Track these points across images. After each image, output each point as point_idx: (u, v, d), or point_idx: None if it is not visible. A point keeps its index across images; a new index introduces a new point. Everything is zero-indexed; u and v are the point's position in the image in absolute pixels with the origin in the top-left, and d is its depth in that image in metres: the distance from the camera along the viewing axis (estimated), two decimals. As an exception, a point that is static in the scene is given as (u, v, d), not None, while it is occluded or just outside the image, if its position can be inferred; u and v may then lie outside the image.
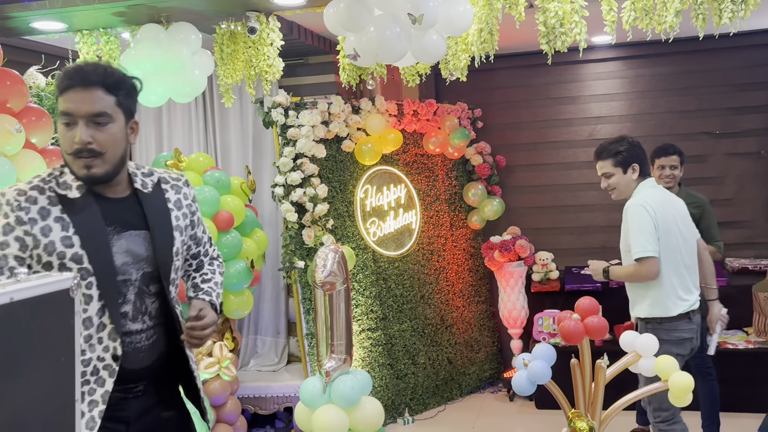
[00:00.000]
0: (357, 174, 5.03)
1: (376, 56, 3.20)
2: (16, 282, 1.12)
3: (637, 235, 3.41)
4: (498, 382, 5.84)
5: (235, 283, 4.35)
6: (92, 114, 1.94)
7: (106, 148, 1.97)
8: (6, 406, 1.07)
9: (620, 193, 3.61)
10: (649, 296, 3.50)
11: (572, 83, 5.96)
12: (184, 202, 2.23)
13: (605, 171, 3.61)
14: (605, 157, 3.62)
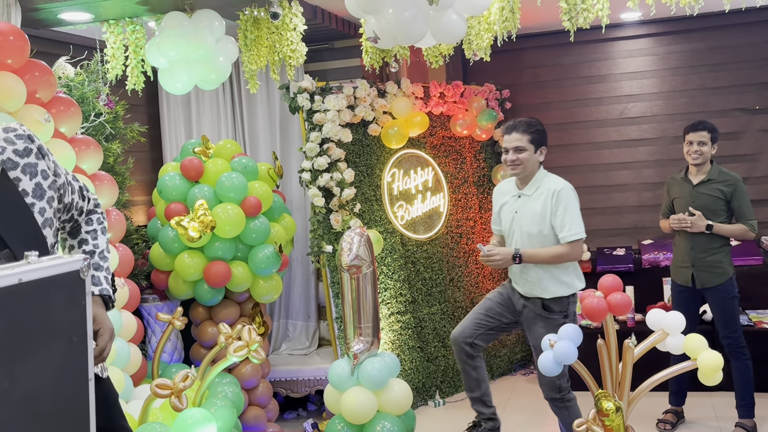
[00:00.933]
0: (384, 158, 5.03)
1: (395, 38, 3.19)
2: (25, 263, 1.14)
3: (573, 217, 3.55)
4: (529, 365, 5.81)
5: (263, 268, 4.39)
6: None
7: None
8: (19, 384, 1.10)
9: (524, 170, 3.63)
10: (567, 275, 3.60)
11: (602, 61, 5.88)
12: (39, 174, 1.81)
13: (519, 144, 3.60)
14: (523, 132, 3.62)
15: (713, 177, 4.23)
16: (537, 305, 3.62)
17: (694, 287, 4.25)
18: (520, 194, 3.67)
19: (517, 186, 3.71)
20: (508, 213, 3.72)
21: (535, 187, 3.64)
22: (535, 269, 3.61)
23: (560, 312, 3.59)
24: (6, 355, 1.08)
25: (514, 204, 3.69)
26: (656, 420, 4.40)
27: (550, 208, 3.54)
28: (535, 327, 3.62)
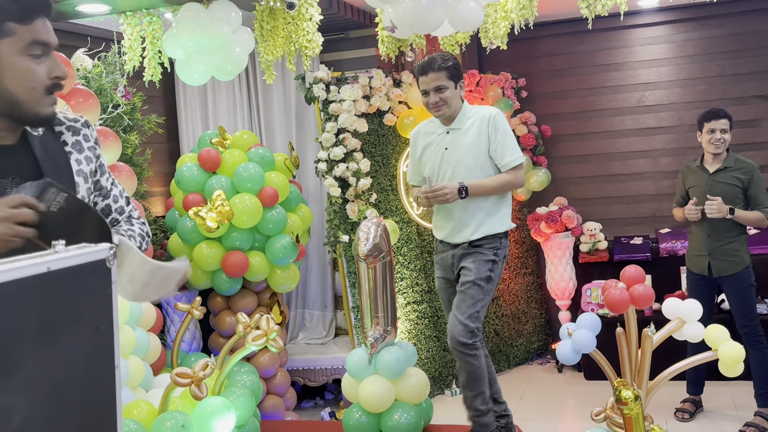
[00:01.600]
0: (399, 147, 5.03)
1: (412, 27, 3.19)
2: (53, 252, 1.16)
3: (512, 142, 3.38)
4: (546, 354, 5.81)
5: (281, 258, 4.41)
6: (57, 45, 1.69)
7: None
8: (47, 371, 1.11)
9: (448, 110, 3.40)
10: (503, 208, 3.47)
11: (619, 49, 5.83)
12: (85, 144, 1.83)
13: (439, 84, 3.34)
14: (439, 69, 3.34)
15: (730, 165, 4.20)
16: (466, 248, 3.44)
17: (710, 276, 4.23)
18: (449, 130, 3.45)
19: (443, 124, 3.48)
20: (434, 152, 3.48)
21: (464, 120, 3.43)
22: (478, 207, 3.41)
23: (489, 246, 3.42)
24: (36, 342, 1.10)
25: (441, 141, 3.46)
26: (674, 409, 4.40)
27: (487, 136, 3.36)
28: (464, 263, 3.43)
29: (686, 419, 4.31)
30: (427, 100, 3.39)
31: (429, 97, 3.37)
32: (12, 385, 1.06)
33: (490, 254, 3.43)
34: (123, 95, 4.11)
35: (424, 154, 3.51)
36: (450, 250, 3.50)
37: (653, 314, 5.03)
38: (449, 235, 3.49)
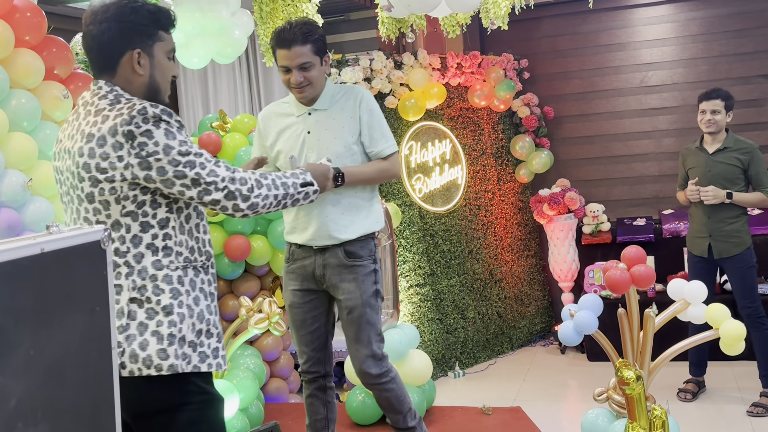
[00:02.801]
0: (401, 130, 5.01)
1: (408, 6, 3.15)
2: (47, 234, 1.16)
3: (386, 127, 2.97)
4: (549, 336, 5.82)
5: (283, 241, 4.41)
6: None
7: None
8: (43, 353, 1.11)
9: (313, 91, 2.89)
10: (375, 203, 3.04)
11: (621, 29, 5.79)
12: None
13: (304, 60, 2.80)
14: (303, 42, 2.79)
15: (729, 145, 4.18)
16: (338, 255, 2.93)
17: (711, 257, 4.22)
18: (311, 111, 2.93)
19: (301, 104, 2.95)
20: (293, 137, 2.94)
21: (328, 99, 2.94)
22: (351, 201, 2.93)
23: (368, 256, 2.98)
24: (31, 323, 1.10)
25: (302, 125, 2.93)
26: (677, 390, 4.40)
27: (358, 119, 2.91)
28: (344, 284, 2.94)
29: (689, 399, 4.32)
30: (289, 78, 2.85)
31: (291, 75, 2.83)
32: (7, 366, 1.06)
33: (370, 263, 2.98)
34: (123, 79, 4.09)
35: (279, 140, 2.96)
36: (313, 256, 2.95)
37: (656, 295, 5.03)
38: (313, 237, 2.92)
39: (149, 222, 1.92)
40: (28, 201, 3.08)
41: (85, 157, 1.90)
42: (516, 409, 4.26)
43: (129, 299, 1.90)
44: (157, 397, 1.91)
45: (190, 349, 1.94)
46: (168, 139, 1.90)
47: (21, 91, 3.11)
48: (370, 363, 2.97)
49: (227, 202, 1.98)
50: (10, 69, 3.05)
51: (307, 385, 3.12)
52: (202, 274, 2.02)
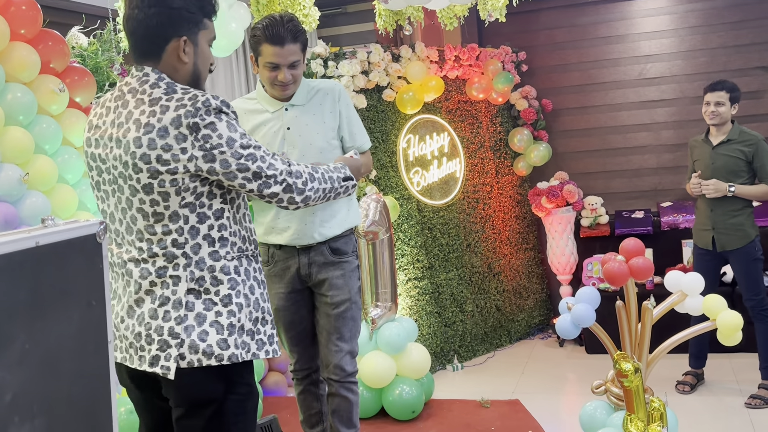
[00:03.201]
0: (399, 123, 5.00)
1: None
2: (42, 227, 1.15)
3: (361, 122, 2.98)
4: (548, 329, 5.82)
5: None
6: None
7: None
8: (39, 346, 1.11)
9: (295, 87, 2.85)
10: (353, 199, 3.04)
11: (620, 21, 5.77)
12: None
13: (296, 59, 2.77)
14: (295, 39, 2.74)
15: (733, 137, 4.17)
16: (324, 252, 2.91)
17: (715, 250, 4.22)
18: (288, 106, 2.86)
19: (274, 100, 2.88)
20: (271, 134, 2.86)
21: (305, 94, 2.89)
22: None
23: (352, 252, 2.98)
24: (26, 317, 1.09)
25: (279, 120, 2.86)
26: (675, 382, 4.41)
27: (338, 114, 2.89)
28: (332, 280, 2.92)
29: (687, 392, 4.32)
30: (275, 75, 2.76)
31: (279, 72, 2.75)
32: (3, 360, 1.05)
33: (354, 259, 2.98)
34: (119, 73, 4.08)
35: (254, 136, 2.86)
36: (296, 256, 2.91)
37: (654, 288, 5.03)
38: (296, 237, 2.87)
39: (206, 213, 1.93)
40: (24, 195, 3.07)
41: (144, 148, 1.87)
42: (514, 402, 4.27)
43: (186, 290, 1.90)
44: (205, 389, 1.92)
45: (249, 337, 1.96)
46: (231, 132, 1.90)
47: (17, 84, 3.10)
48: (348, 359, 2.96)
49: (284, 194, 2.01)
50: (6, 63, 3.04)
51: (299, 382, 3.11)
52: (253, 262, 2.04)
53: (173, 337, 1.88)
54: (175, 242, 1.90)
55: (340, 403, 2.99)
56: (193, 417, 1.93)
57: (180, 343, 1.87)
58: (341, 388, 2.97)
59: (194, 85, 2.01)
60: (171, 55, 1.97)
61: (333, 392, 3.00)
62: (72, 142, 3.39)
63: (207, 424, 1.92)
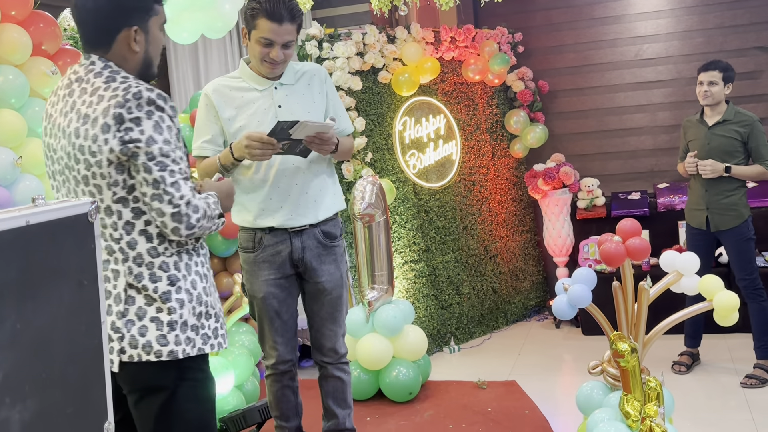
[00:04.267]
0: (395, 106, 4.98)
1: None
2: (32, 206, 1.13)
3: (343, 106, 3.01)
4: (544, 311, 5.83)
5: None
6: None
7: None
8: (30, 326, 1.10)
9: (284, 67, 2.86)
10: (337, 184, 3.01)
11: (616, 1, 5.74)
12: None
13: (291, 39, 2.76)
14: (294, 20, 2.74)
15: (729, 118, 4.16)
16: (316, 236, 2.89)
17: (708, 230, 4.22)
18: (277, 85, 2.84)
19: (262, 78, 2.85)
20: (260, 112, 2.82)
21: (292, 74, 2.88)
22: (320, 175, 2.90)
23: (340, 235, 2.99)
24: (17, 297, 1.08)
25: (270, 99, 2.84)
26: (671, 362, 4.42)
27: (326, 95, 2.91)
28: (324, 266, 2.91)
29: (683, 372, 4.34)
30: (268, 52, 2.73)
31: (273, 50, 2.72)
32: (-6, 341, 1.04)
33: (343, 242, 3.01)
34: (112, 55, 4.05)
35: (240, 115, 2.82)
36: (288, 240, 2.86)
37: (651, 269, 5.04)
38: (289, 217, 2.84)
39: (141, 208, 1.90)
40: (17, 179, 3.05)
41: (81, 138, 1.87)
42: (511, 383, 4.28)
43: (126, 284, 1.89)
44: (155, 378, 1.92)
45: (193, 332, 1.94)
46: (155, 132, 1.85)
47: (8, 67, 3.08)
48: (341, 342, 3.00)
49: (171, 220, 1.87)
50: (-3, 45, 3.01)
51: (278, 378, 3.01)
52: (195, 256, 2.00)
53: (115, 332, 1.88)
54: (112, 237, 1.89)
55: (336, 384, 3.01)
56: (147, 402, 1.94)
57: (121, 337, 1.87)
58: (335, 369, 2.99)
59: (145, 72, 2.00)
60: (121, 45, 1.93)
61: (327, 374, 3.01)
62: (65, 125, 3.37)
63: (160, 410, 1.93)
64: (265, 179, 2.83)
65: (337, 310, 2.97)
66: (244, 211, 2.90)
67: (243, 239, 2.95)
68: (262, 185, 2.84)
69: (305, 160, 2.84)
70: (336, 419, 3.06)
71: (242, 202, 2.89)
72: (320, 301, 2.96)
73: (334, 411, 3.05)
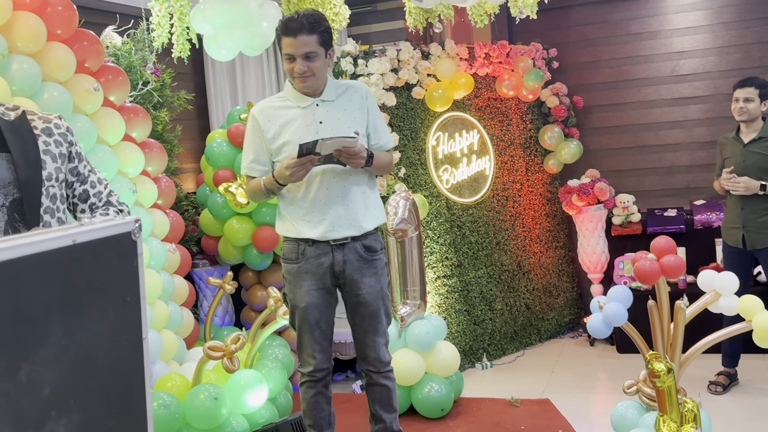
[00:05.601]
0: (428, 121, 5.00)
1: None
2: (79, 225, 1.17)
3: (384, 122, 3.07)
4: (578, 328, 5.78)
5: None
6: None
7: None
8: (75, 343, 1.13)
9: (315, 82, 2.90)
10: (378, 198, 3.06)
11: (653, 17, 5.70)
12: (55, 131, 2.10)
13: (309, 50, 2.82)
14: (310, 32, 2.81)
15: (765, 135, 4.12)
16: (357, 250, 2.96)
17: (745, 248, 4.16)
18: (319, 102, 2.93)
19: (305, 96, 2.94)
20: (302, 128, 2.89)
21: (333, 91, 2.96)
22: (360, 188, 2.96)
23: (381, 249, 3.04)
24: (63, 314, 1.11)
25: (311, 116, 2.91)
26: (708, 382, 4.35)
27: (366, 111, 2.97)
28: (365, 279, 2.97)
29: (720, 392, 4.26)
30: (292, 67, 2.85)
31: (295, 64, 2.84)
32: (41, 356, 1.08)
33: (383, 256, 3.06)
34: (152, 72, 4.13)
35: (284, 132, 2.91)
36: (330, 253, 2.93)
37: (687, 287, 4.97)
38: (329, 229, 2.90)
39: None
40: (60, 193, 3.12)
41: None
42: (545, 401, 4.24)
43: None
44: None
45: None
46: None
47: (53, 84, 3.16)
48: (384, 350, 3.08)
49: None
50: (43, 62, 3.10)
51: (314, 385, 3.07)
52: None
53: None
54: None
55: (381, 391, 3.11)
56: None
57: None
58: (380, 377, 3.09)
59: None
60: None
61: (373, 382, 3.11)
62: (106, 140, 3.45)
63: None
64: (308, 192, 2.91)
65: (379, 321, 3.02)
66: (287, 223, 2.98)
67: (287, 250, 3.02)
68: (305, 198, 2.92)
69: (346, 174, 2.92)
70: (383, 423, 3.16)
71: (286, 213, 2.98)
72: (360, 313, 3.03)
73: (381, 416, 3.14)
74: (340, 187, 2.91)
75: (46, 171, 2.02)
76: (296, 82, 2.90)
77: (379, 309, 3.02)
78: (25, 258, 1.03)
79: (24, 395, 1.04)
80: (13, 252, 1.02)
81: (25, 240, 1.04)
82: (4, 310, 1.01)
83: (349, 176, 2.92)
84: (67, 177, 2.12)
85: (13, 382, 1.02)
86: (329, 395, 3.14)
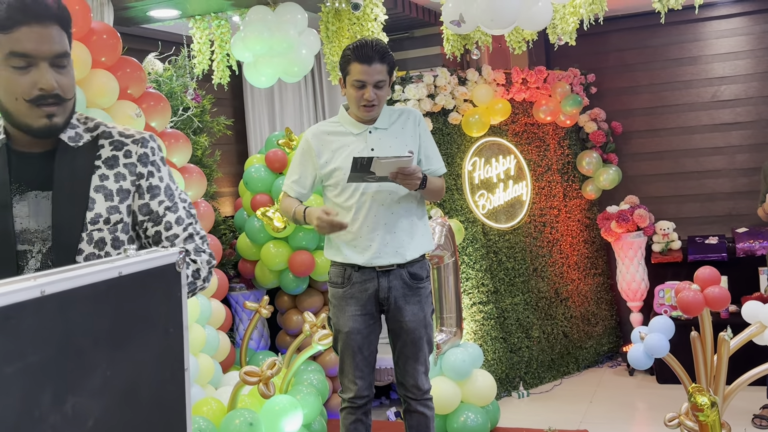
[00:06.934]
0: (464, 146, 4.99)
1: (492, 20, 3.11)
2: (125, 257, 1.18)
3: (436, 148, 3.05)
4: (617, 357, 5.68)
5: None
6: (55, 54, 1.56)
7: (70, 94, 1.62)
8: (120, 374, 1.14)
9: (379, 109, 2.91)
10: (427, 225, 3.05)
11: (693, 42, 5.65)
12: (123, 160, 1.70)
13: (381, 78, 2.82)
14: (383, 60, 2.81)
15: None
16: (403, 277, 2.94)
17: (792, 277, 4.06)
18: (372, 129, 2.92)
19: (358, 123, 2.94)
20: (356, 154, 2.85)
21: (387, 118, 2.96)
22: (409, 213, 2.95)
23: (427, 277, 3.02)
24: (108, 345, 1.12)
25: (363, 142, 2.91)
26: (752, 415, 4.23)
27: (418, 137, 2.96)
28: (409, 306, 2.95)
29: (765, 426, 4.14)
30: (362, 94, 2.82)
31: (365, 91, 2.81)
32: (87, 387, 1.08)
33: (429, 284, 3.04)
34: (193, 98, 4.20)
35: (336, 158, 2.90)
36: (376, 279, 2.92)
37: (730, 317, 4.86)
38: (375, 256, 2.89)
39: None
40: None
41: None
42: (583, 431, 4.16)
43: None
44: None
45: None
46: None
47: (97, 110, 3.22)
48: (423, 378, 3.05)
49: None
50: (87, 89, 3.16)
51: (354, 412, 3.05)
52: None
53: None
54: None
55: (419, 419, 3.07)
56: None
57: None
58: (419, 405, 3.06)
59: (7, 119, 1.61)
60: None
61: (411, 410, 3.08)
62: (147, 165, 3.49)
63: None
64: (356, 218, 2.90)
65: (420, 349, 3.00)
66: (334, 247, 2.99)
67: (333, 274, 3.03)
68: (353, 223, 2.90)
69: (395, 203, 2.91)
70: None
71: (334, 237, 2.96)
72: (402, 340, 3.01)
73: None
74: (388, 214, 2.90)
75: (93, 212, 1.64)
76: (361, 110, 2.88)
77: (421, 337, 2.99)
78: (74, 290, 1.04)
79: (69, 427, 1.05)
80: (63, 285, 1.03)
81: (74, 273, 1.05)
82: (53, 342, 1.02)
83: (398, 205, 2.91)
84: (137, 216, 1.73)
85: (60, 413, 1.03)
86: (369, 423, 3.11)
